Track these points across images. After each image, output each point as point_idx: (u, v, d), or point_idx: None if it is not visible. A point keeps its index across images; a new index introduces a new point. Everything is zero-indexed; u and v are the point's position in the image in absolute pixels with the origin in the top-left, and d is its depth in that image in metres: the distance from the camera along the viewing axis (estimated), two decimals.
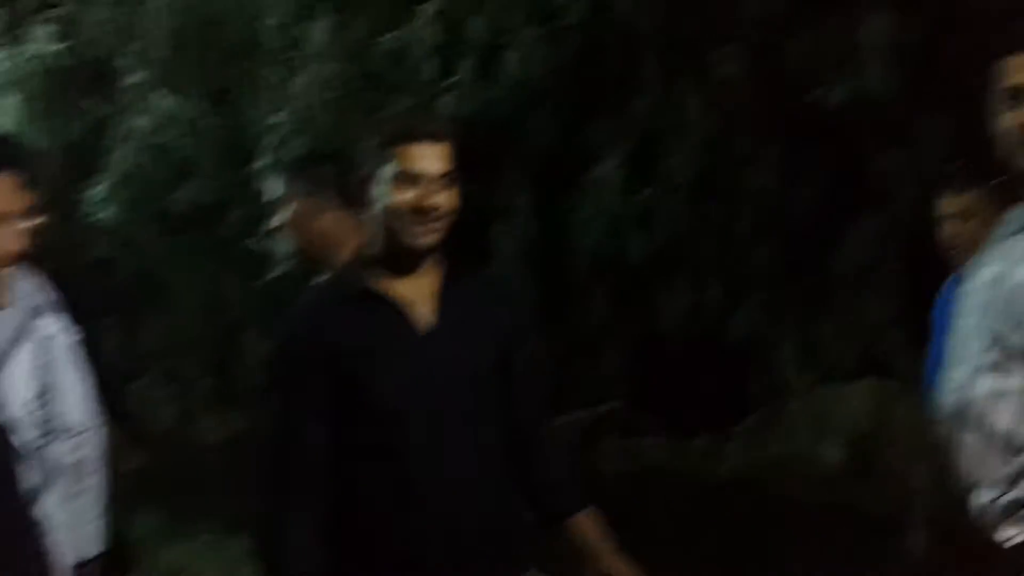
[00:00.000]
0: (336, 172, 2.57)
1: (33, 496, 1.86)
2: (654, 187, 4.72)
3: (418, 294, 1.84)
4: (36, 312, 2.15)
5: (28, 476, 1.85)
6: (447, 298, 1.87)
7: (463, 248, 1.86)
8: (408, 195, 1.76)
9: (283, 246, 4.40)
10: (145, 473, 2.52)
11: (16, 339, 2.10)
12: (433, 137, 1.81)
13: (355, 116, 4.35)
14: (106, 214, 4.40)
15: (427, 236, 1.79)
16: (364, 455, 1.81)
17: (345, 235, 2.45)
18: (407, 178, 1.77)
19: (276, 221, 2.60)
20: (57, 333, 2.19)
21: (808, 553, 3.82)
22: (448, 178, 1.80)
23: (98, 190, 4.36)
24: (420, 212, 1.77)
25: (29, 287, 2.14)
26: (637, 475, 4.99)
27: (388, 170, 1.78)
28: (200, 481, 5.77)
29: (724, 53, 4.61)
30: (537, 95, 4.54)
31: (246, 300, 6.66)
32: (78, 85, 4.68)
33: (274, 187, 2.64)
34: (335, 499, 1.82)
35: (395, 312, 1.83)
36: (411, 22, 4.17)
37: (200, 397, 7.51)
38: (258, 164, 4.26)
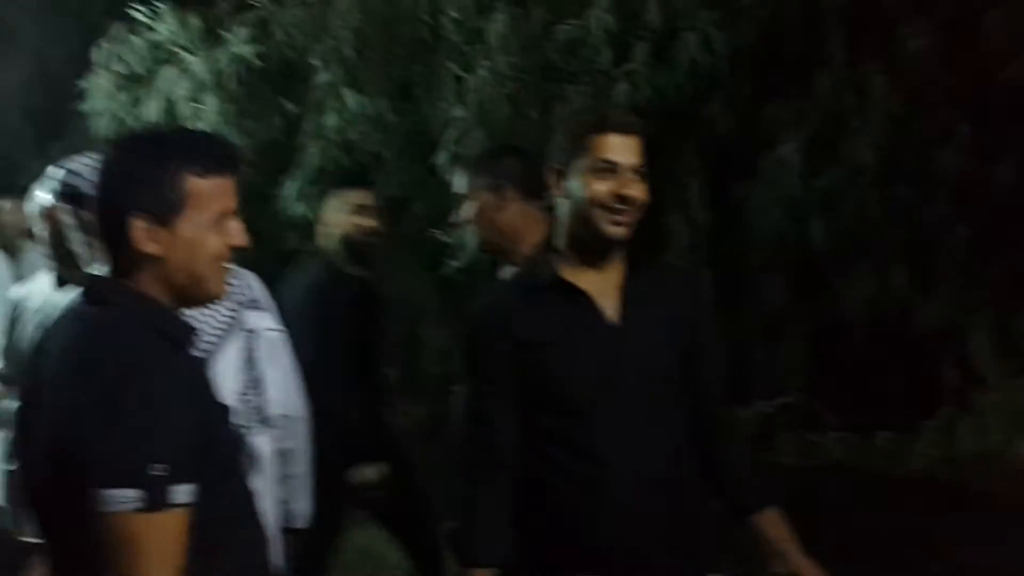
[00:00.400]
0: (520, 165, 2.62)
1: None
2: (836, 170, 4.57)
3: (604, 286, 1.87)
4: (246, 306, 2.30)
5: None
6: (631, 290, 1.88)
7: (638, 237, 1.88)
8: (605, 185, 1.79)
9: (465, 238, 4.52)
10: None
11: (227, 331, 2.25)
12: (628, 129, 1.83)
13: (532, 108, 4.41)
14: (298, 209, 4.61)
15: (621, 227, 1.82)
16: (551, 446, 1.85)
17: (529, 227, 2.49)
18: (604, 168, 1.80)
19: (461, 214, 2.67)
20: (265, 327, 2.33)
21: (1003, 556, 3.62)
22: (640, 171, 1.82)
23: (290, 186, 4.58)
24: (616, 202, 1.80)
25: (240, 282, 2.29)
26: (816, 471, 4.85)
27: (585, 161, 1.81)
28: None
29: (913, 28, 4.42)
30: (713, 79, 4.48)
31: (427, 291, 6.88)
32: (272, 85, 4.93)
33: (459, 181, 2.71)
34: (522, 488, 1.87)
35: (584, 303, 1.86)
36: (587, 11, 4.17)
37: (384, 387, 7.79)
38: (439, 158, 4.37)
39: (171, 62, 4.87)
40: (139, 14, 4.92)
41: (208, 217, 1.63)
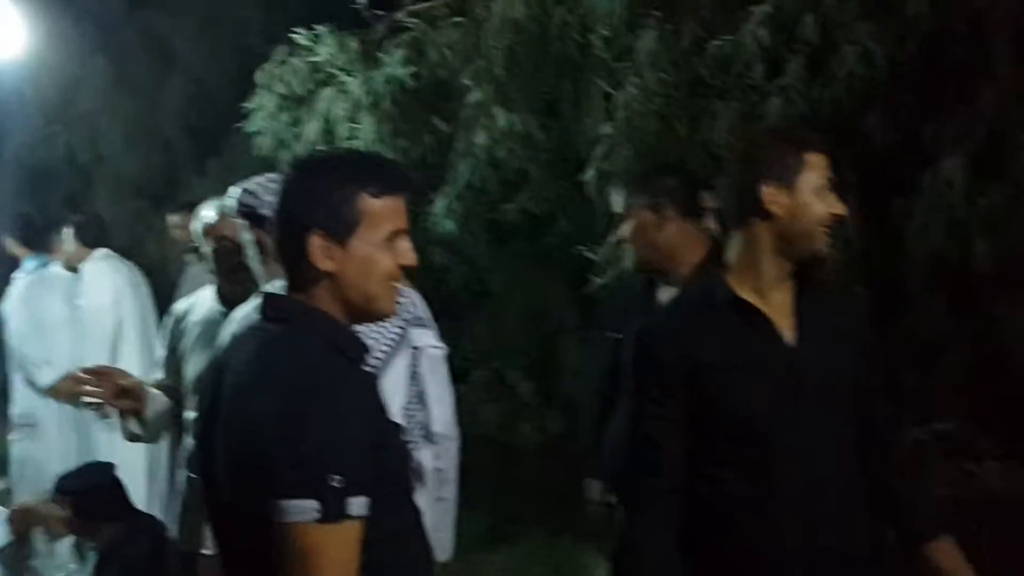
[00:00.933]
0: (678, 183, 2.60)
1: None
2: (1002, 188, 4.36)
3: (779, 307, 1.83)
4: (412, 323, 2.35)
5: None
6: (805, 312, 1.84)
7: None
8: (828, 205, 1.77)
9: (611, 255, 4.50)
10: (469, 476, 2.66)
11: (395, 348, 2.31)
12: (826, 148, 1.81)
13: (680, 124, 4.37)
14: (446, 226, 4.69)
15: (827, 245, 1.80)
16: (722, 470, 1.81)
17: (688, 247, 2.47)
18: (824, 187, 1.78)
19: (618, 232, 2.66)
20: (428, 345, 2.37)
21: None
22: None
23: (439, 203, 4.66)
24: (835, 221, 1.78)
25: (406, 299, 2.34)
26: (974, 501, 4.63)
27: (811, 178, 1.78)
28: (520, 485, 6.00)
29: None
30: (872, 93, 4.34)
31: (567, 307, 6.88)
32: (424, 104, 5.04)
33: (615, 199, 2.69)
34: (688, 513, 1.83)
35: (763, 325, 1.82)
36: (741, 25, 4.11)
37: (520, 401, 7.84)
38: (586, 175, 4.37)
39: (330, 83, 5.04)
40: (301, 37, 5.11)
41: (381, 236, 1.67)
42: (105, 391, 2.89)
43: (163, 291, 5.78)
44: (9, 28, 4.13)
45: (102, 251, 5.50)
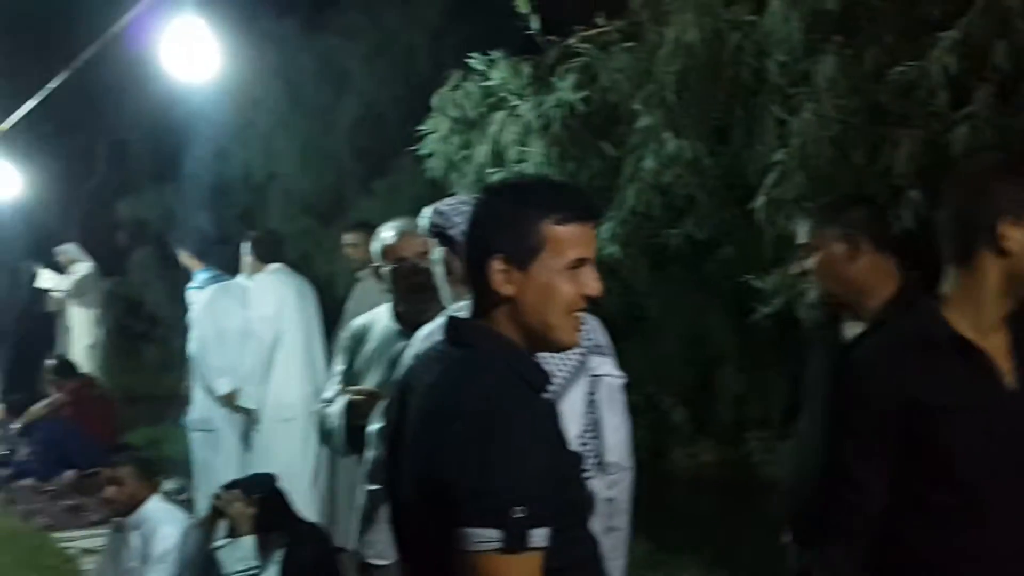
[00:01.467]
0: (869, 215, 2.51)
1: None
2: None
3: (998, 348, 1.74)
4: (592, 351, 2.35)
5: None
6: (1021, 352, 1.74)
7: None
8: None
9: (775, 284, 4.39)
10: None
11: (574, 375, 2.30)
12: None
13: (857, 152, 4.22)
14: (610, 251, 4.67)
15: None
16: (928, 515, 1.73)
17: (880, 280, 2.38)
18: None
19: (802, 263, 2.59)
20: (607, 374, 2.36)
21: None
22: None
23: (605, 228, 4.65)
24: None
25: (588, 327, 2.34)
26: None
27: None
28: (673, 514, 5.91)
29: None
30: None
31: (726, 335, 6.75)
32: (593, 129, 5.05)
33: (801, 229, 2.63)
34: (885, 554, 1.76)
35: (984, 365, 1.73)
36: (926, 52, 3.94)
37: (672, 428, 7.74)
38: (755, 202, 4.28)
39: (501, 107, 5.11)
40: (476, 62, 5.21)
41: (563, 263, 1.67)
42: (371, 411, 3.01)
43: (330, 307, 5.97)
44: (206, 51, 4.36)
45: (275, 265, 5.74)
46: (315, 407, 3.30)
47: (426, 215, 2.61)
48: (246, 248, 5.90)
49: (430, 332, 2.22)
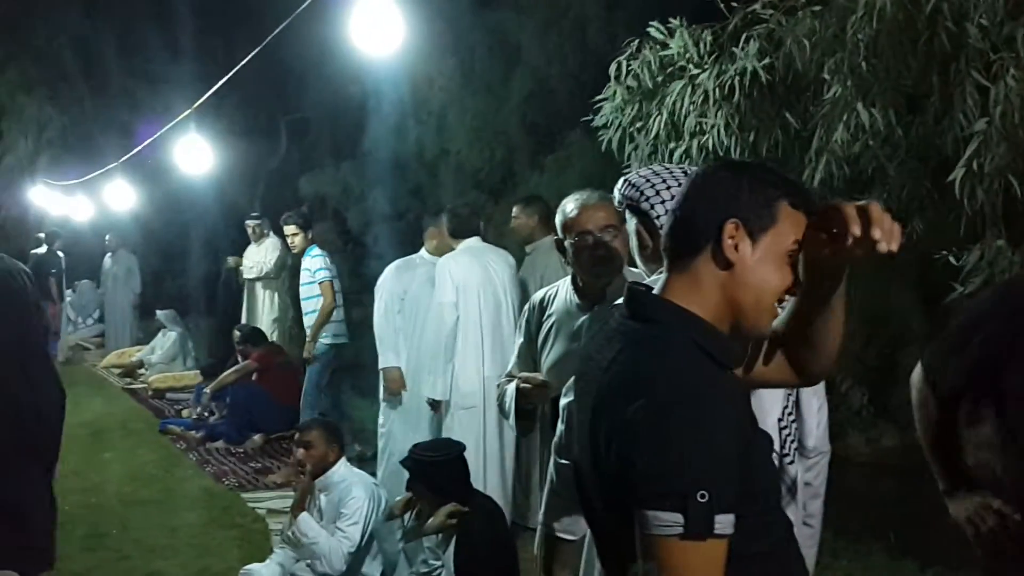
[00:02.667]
0: None
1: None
2: None
3: None
4: None
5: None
6: None
7: None
8: None
9: (976, 261, 4.14)
10: None
11: None
12: None
13: None
14: None
15: None
16: None
17: None
18: None
19: None
20: None
21: None
22: None
23: None
24: None
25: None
26: None
27: None
28: (851, 499, 5.70)
29: None
30: None
31: (911, 315, 6.44)
32: (775, 99, 4.88)
33: None
34: None
35: None
36: None
37: (852, 412, 7.46)
38: (953, 174, 4.05)
39: (679, 77, 5.01)
40: (654, 31, 5.11)
41: (785, 247, 1.62)
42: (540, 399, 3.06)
43: None
44: (391, 27, 4.41)
45: (470, 240, 5.57)
46: (500, 381, 3.33)
47: (618, 187, 2.57)
48: (436, 222, 5.93)
49: (612, 307, 2.20)
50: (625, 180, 2.54)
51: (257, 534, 6.01)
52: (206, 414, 9.05)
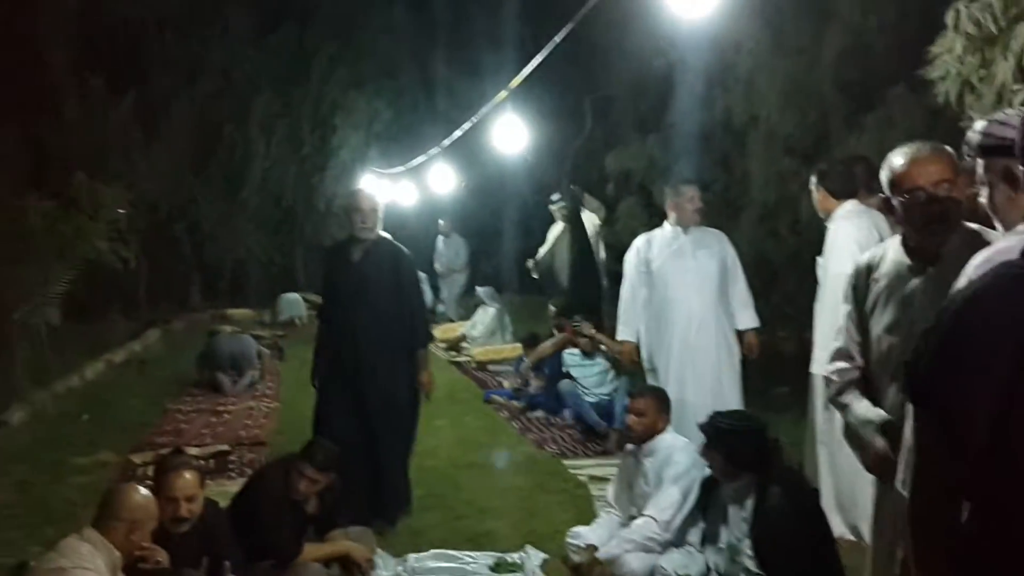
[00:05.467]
0: None
1: None
2: None
3: None
4: None
5: None
6: None
7: None
8: None
9: None
10: None
11: None
12: None
13: None
14: None
15: None
16: None
17: None
18: None
19: None
20: None
21: None
22: None
23: None
24: None
25: None
26: None
27: None
28: None
29: None
30: None
31: None
32: None
33: None
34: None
35: None
36: None
37: None
38: None
39: None
40: None
41: None
42: None
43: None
44: None
45: (850, 204, 5.02)
46: (832, 368, 3.24)
47: (976, 129, 2.35)
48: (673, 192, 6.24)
49: (986, 258, 2.00)
50: (990, 119, 2.31)
51: (580, 499, 6.21)
52: (525, 385, 9.45)
